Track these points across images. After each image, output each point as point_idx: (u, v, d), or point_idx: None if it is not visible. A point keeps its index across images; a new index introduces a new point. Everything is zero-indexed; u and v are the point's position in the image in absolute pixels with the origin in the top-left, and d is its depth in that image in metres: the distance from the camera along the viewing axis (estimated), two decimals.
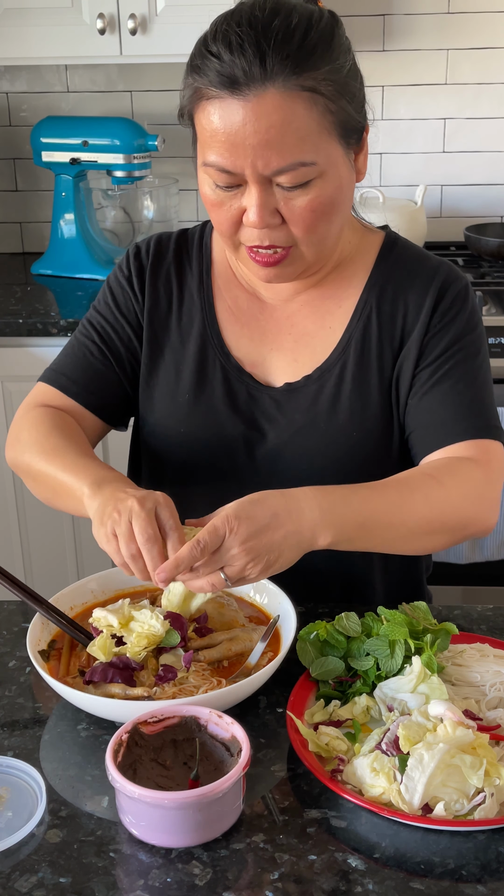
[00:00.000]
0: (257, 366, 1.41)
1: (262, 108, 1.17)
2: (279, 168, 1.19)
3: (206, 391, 1.40)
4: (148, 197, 2.86)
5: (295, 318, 1.41)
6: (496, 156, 2.96)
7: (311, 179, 1.21)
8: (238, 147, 1.19)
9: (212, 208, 1.27)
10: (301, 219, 1.23)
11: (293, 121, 1.17)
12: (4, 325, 2.44)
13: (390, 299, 1.38)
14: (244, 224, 1.25)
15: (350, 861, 0.95)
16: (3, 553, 2.64)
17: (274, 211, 1.23)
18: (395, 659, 1.14)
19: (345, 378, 1.37)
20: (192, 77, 1.22)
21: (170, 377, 1.43)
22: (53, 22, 2.53)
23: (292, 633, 1.17)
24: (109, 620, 1.19)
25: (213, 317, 1.42)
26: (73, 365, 1.46)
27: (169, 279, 1.45)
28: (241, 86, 1.17)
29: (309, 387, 1.38)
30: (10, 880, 0.93)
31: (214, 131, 1.20)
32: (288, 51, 1.16)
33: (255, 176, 1.20)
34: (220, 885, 0.92)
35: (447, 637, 1.17)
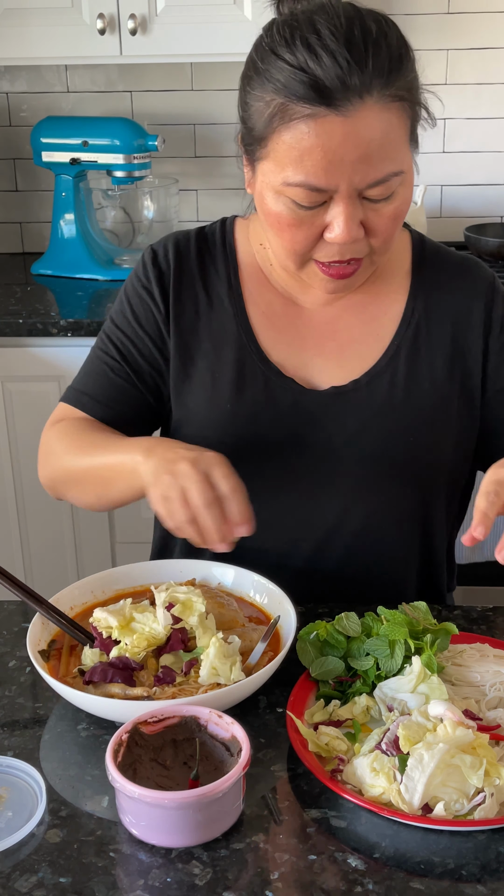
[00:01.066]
0: (298, 370, 1.37)
1: (363, 122, 1.12)
2: (375, 180, 1.15)
3: (246, 398, 1.36)
4: (148, 197, 2.86)
5: (337, 323, 1.39)
6: (496, 156, 2.96)
7: (396, 188, 1.19)
8: (336, 164, 1.13)
9: (287, 228, 1.21)
10: (385, 229, 1.21)
11: (389, 132, 1.14)
12: (4, 325, 2.44)
13: (437, 306, 1.38)
14: (325, 240, 1.21)
15: (350, 861, 0.95)
16: (3, 553, 2.64)
17: (359, 224, 1.19)
18: (395, 659, 1.14)
19: (396, 384, 1.36)
20: (267, 90, 1.15)
21: (206, 385, 1.38)
22: (53, 22, 2.53)
23: (292, 633, 1.17)
24: (109, 621, 1.19)
25: (247, 322, 1.38)
26: (94, 383, 1.41)
27: (193, 284, 1.39)
28: (339, 98, 1.11)
29: (358, 391, 1.36)
30: (10, 880, 0.93)
31: (308, 149, 1.14)
32: (380, 60, 1.12)
33: (349, 191, 1.16)
34: (220, 885, 0.92)
35: (447, 637, 1.17)
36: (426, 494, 1.41)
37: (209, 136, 2.93)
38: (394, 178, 1.17)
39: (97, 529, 2.61)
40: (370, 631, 1.18)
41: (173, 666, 1.17)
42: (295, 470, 1.38)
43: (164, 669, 1.15)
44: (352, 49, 1.11)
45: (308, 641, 1.19)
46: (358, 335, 1.38)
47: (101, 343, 1.44)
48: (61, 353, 2.46)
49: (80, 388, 1.42)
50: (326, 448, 1.36)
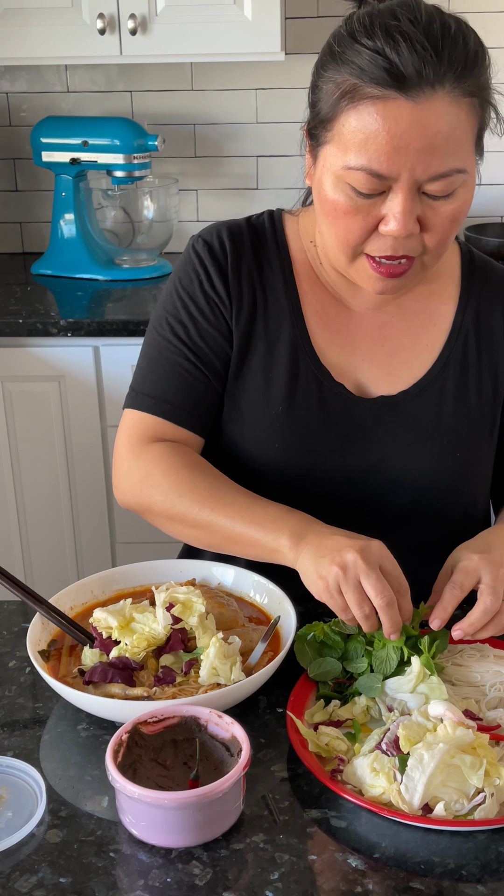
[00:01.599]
0: (348, 375, 1.36)
1: (432, 111, 1.11)
2: (437, 174, 1.14)
3: (298, 402, 1.34)
4: (148, 197, 2.86)
5: (387, 329, 1.37)
6: (496, 156, 2.95)
7: (457, 187, 1.18)
8: (400, 150, 1.12)
9: (343, 216, 1.19)
10: (441, 228, 1.19)
11: (457, 127, 1.14)
12: (4, 325, 2.44)
13: (485, 319, 1.38)
14: (379, 232, 1.19)
15: (350, 861, 0.95)
16: (3, 553, 2.64)
17: (416, 219, 1.18)
18: (389, 663, 1.14)
19: (445, 397, 1.36)
20: (341, 72, 1.14)
21: (259, 385, 1.35)
22: (53, 22, 2.53)
23: (292, 633, 1.17)
24: (109, 621, 1.19)
25: (303, 322, 1.35)
26: (170, 387, 1.35)
27: (252, 278, 1.36)
28: (412, 86, 1.10)
29: (407, 402, 1.35)
30: (10, 880, 0.93)
31: (374, 132, 1.12)
32: (457, 54, 1.12)
33: (410, 182, 1.15)
34: (220, 885, 0.92)
35: (446, 637, 1.17)
36: (471, 507, 1.43)
37: (209, 136, 2.93)
38: (456, 174, 1.16)
39: (97, 529, 2.61)
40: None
41: (173, 666, 1.17)
42: (344, 477, 1.36)
43: (164, 669, 1.15)
44: (430, 40, 1.11)
45: (306, 642, 1.18)
46: (407, 344, 1.37)
47: (167, 344, 1.37)
48: (61, 353, 2.46)
49: (156, 395, 1.35)
50: (375, 458, 1.36)
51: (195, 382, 1.35)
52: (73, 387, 2.48)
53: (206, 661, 1.14)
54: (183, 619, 1.19)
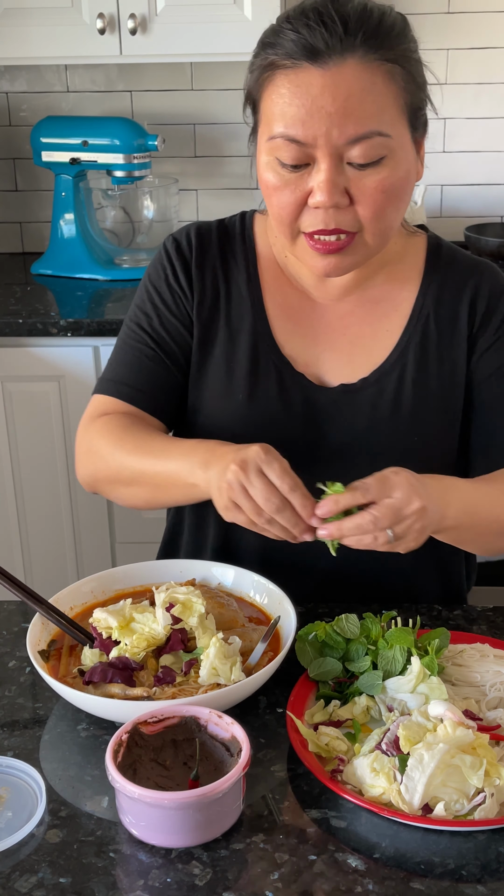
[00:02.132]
0: (310, 365, 1.39)
1: (342, 76, 1.15)
2: (355, 136, 1.16)
3: (260, 391, 1.38)
4: (148, 197, 2.86)
5: (349, 319, 1.39)
6: (496, 156, 2.96)
7: (383, 157, 1.19)
8: (314, 115, 1.16)
9: (273, 192, 1.23)
10: (371, 199, 1.20)
11: (372, 90, 1.17)
12: (4, 325, 2.44)
13: (446, 304, 1.38)
14: (309, 206, 1.22)
15: (350, 861, 0.95)
16: (3, 553, 2.64)
17: (343, 191, 1.20)
18: (395, 663, 1.14)
19: (405, 382, 1.36)
20: (261, 55, 1.21)
21: (221, 375, 1.40)
22: (53, 22, 2.53)
23: (292, 633, 1.17)
24: (109, 621, 1.19)
25: (264, 314, 1.39)
26: (130, 372, 1.41)
27: (215, 273, 1.41)
28: (321, 54, 1.15)
29: (367, 389, 1.37)
30: (10, 880, 0.93)
31: (289, 101, 1.17)
32: (368, 27, 1.16)
33: (328, 147, 1.17)
34: (220, 885, 0.92)
35: (446, 636, 1.17)
36: None
37: (209, 135, 2.92)
38: (377, 137, 1.18)
39: (97, 529, 2.61)
40: (369, 633, 1.18)
41: (173, 666, 1.17)
42: (305, 465, 1.37)
43: (164, 669, 1.15)
44: (342, 15, 1.17)
45: (307, 642, 1.18)
46: (368, 331, 1.39)
47: (131, 333, 1.43)
48: (61, 353, 2.46)
49: (116, 378, 1.42)
50: (336, 445, 1.37)
51: (154, 367, 1.41)
52: (73, 387, 2.48)
53: (206, 661, 1.14)
54: (183, 620, 1.19)
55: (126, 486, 1.36)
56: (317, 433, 1.37)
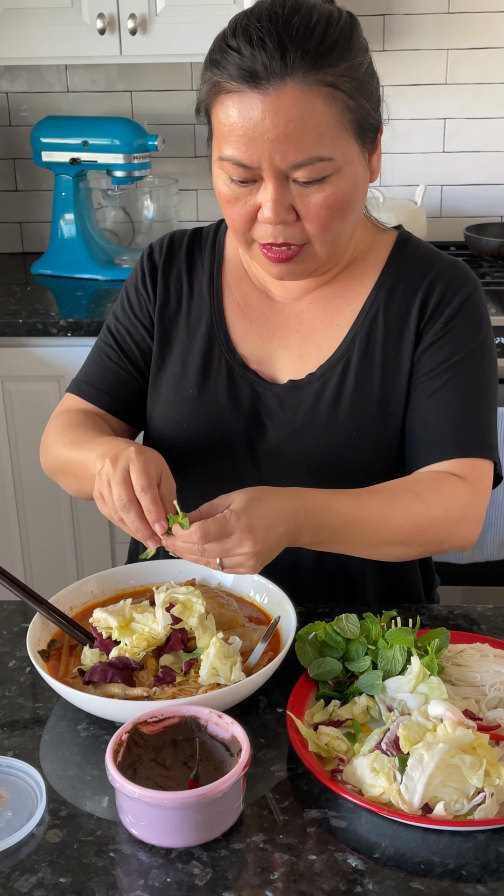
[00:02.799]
0: (263, 363, 1.41)
1: (282, 102, 1.17)
2: (297, 162, 1.19)
3: (209, 387, 1.41)
4: (148, 197, 2.86)
5: (303, 315, 1.41)
6: (496, 156, 2.96)
7: (327, 175, 1.21)
8: (256, 141, 1.18)
9: (226, 205, 1.27)
10: (316, 215, 1.23)
11: (312, 115, 1.17)
12: (4, 325, 2.44)
13: (399, 299, 1.37)
14: (259, 220, 1.25)
15: (350, 861, 0.95)
16: (3, 553, 2.64)
17: (289, 207, 1.22)
18: (396, 663, 1.14)
19: (347, 376, 1.37)
20: (210, 71, 1.23)
21: (176, 372, 1.43)
22: (53, 22, 2.53)
23: (292, 633, 1.17)
24: (109, 622, 1.19)
25: (222, 313, 1.43)
26: (94, 372, 1.48)
27: (180, 276, 1.46)
28: (260, 80, 1.17)
29: (312, 384, 1.38)
30: (10, 880, 0.93)
31: (233, 125, 1.20)
32: (308, 46, 1.17)
33: (272, 170, 1.20)
34: (220, 885, 0.92)
35: (446, 636, 1.17)
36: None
37: None
38: (319, 162, 1.19)
39: (97, 529, 2.61)
40: (369, 633, 1.18)
41: (173, 666, 1.17)
42: (253, 460, 1.40)
43: (164, 669, 1.15)
44: (283, 35, 1.17)
45: (307, 641, 1.18)
46: (320, 327, 1.40)
47: (103, 335, 1.51)
48: (61, 353, 2.46)
49: (82, 378, 1.49)
50: (278, 441, 1.38)
51: (114, 367, 1.47)
52: None
53: (206, 661, 1.14)
54: (183, 620, 1.19)
55: (62, 476, 1.43)
56: (260, 428, 1.39)
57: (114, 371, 1.47)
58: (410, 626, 1.19)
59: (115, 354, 1.47)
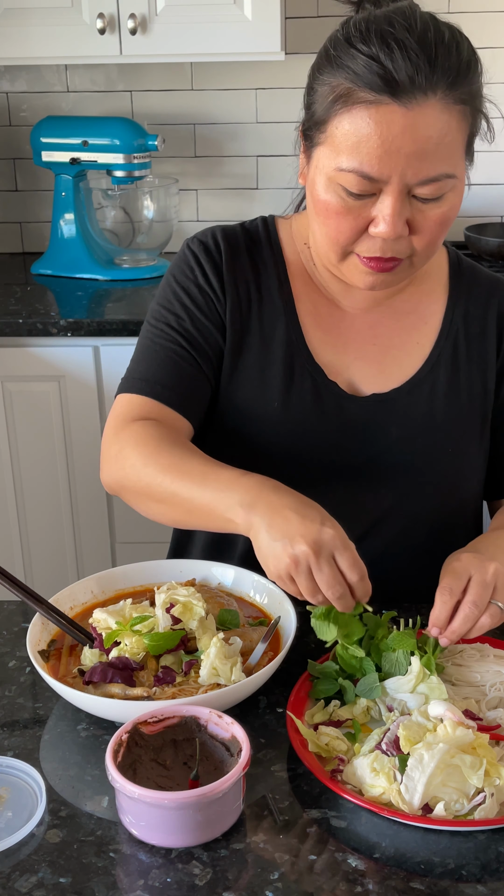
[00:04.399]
0: (341, 374, 1.38)
1: (424, 117, 1.14)
2: (427, 178, 1.17)
3: (294, 398, 1.37)
4: (148, 197, 2.86)
5: (378, 328, 1.39)
6: (496, 156, 2.96)
7: (445, 192, 1.20)
8: (391, 154, 1.15)
9: (335, 216, 1.22)
10: (429, 231, 1.22)
11: (448, 133, 1.16)
12: (4, 325, 2.44)
13: (473, 321, 1.40)
14: (368, 234, 1.22)
15: (350, 861, 0.95)
16: (3, 553, 2.64)
17: (405, 223, 1.20)
18: (399, 666, 1.13)
19: (436, 394, 1.37)
20: (336, 76, 1.17)
21: (254, 382, 1.38)
22: (53, 22, 2.53)
23: (293, 633, 1.17)
24: (109, 622, 1.19)
25: (297, 321, 1.38)
26: (163, 371, 1.35)
27: (246, 278, 1.39)
28: (404, 92, 1.13)
29: (399, 400, 1.37)
30: (10, 880, 0.93)
31: (366, 137, 1.15)
32: (450, 62, 1.15)
33: (400, 185, 1.17)
34: (220, 885, 0.92)
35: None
36: (462, 505, 1.44)
37: (209, 135, 2.92)
38: (446, 179, 1.19)
39: (97, 529, 2.61)
40: (374, 634, 1.17)
41: (173, 666, 1.17)
42: (337, 473, 1.38)
43: (164, 669, 1.15)
44: (424, 48, 1.14)
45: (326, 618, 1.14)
46: (398, 342, 1.39)
47: (160, 332, 1.38)
48: (61, 353, 2.46)
49: (147, 377, 1.35)
50: (369, 454, 1.37)
51: (187, 367, 1.36)
52: (73, 387, 2.48)
53: (207, 661, 1.14)
54: (183, 621, 1.19)
55: (156, 503, 1.28)
56: (350, 442, 1.37)
57: (186, 371, 1.35)
58: (410, 625, 1.19)
59: (187, 354, 1.36)
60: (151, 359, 1.37)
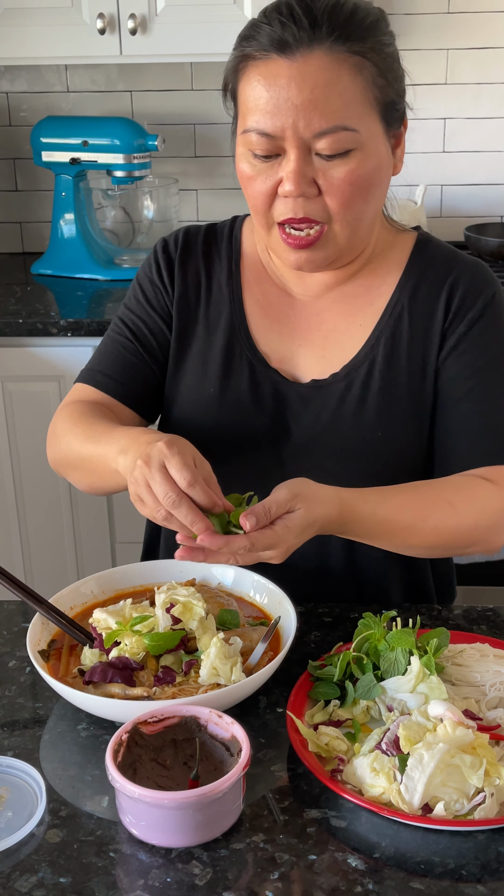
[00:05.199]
0: (285, 361, 1.40)
1: (308, 67, 1.18)
2: (321, 129, 1.19)
3: (231, 385, 1.40)
4: (148, 197, 2.86)
5: (325, 314, 1.40)
6: (496, 156, 2.96)
7: (351, 150, 1.21)
8: (281, 108, 1.19)
9: (248, 182, 1.26)
10: (339, 190, 1.22)
11: (338, 83, 1.18)
12: (4, 325, 2.44)
13: (422, 299, 1.37)
14: (279, 195, 1.24)
15: (350, 861, 0.95)
16: (3, 553, 2.64)
17: (311, 181, 1.22)
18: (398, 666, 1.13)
19: (373, 377, 1.36)
20: (239, 48, 1.23)
21: (196, 369, 1.42)
22: (53, 22, 2.53)
23: (293, 633, 1.17)
24: (109, 622, 1.19)
25: (242, 309, 1.42)
26: (108, 362, 1.45)
27: (198, 270, 1.44)
28: (288, 46, 1.18)
29: (336, 384, 1.37)
30: (10, 880, 0.93)
31: (259, 94, 1.20)
32: (337, 19, 1.19)
33: (296, 139, 1.20)
34: (220, 885, 0.92)
35: (446, 636, 1.17)
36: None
37: (209, 135, 2.93)
38: (343, 132, 1.20)
39: (97, 529, 2.61)
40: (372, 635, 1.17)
41: (173, 666, 1.17)
42: (277, 460, 1.39)
43: (164, 669, 1.15)
44: (314, 6, 1.19)
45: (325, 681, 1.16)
46: (342, 326, 1.39)
47: (115, 327, 1.48)
48: (61, 353, 2.46)
49: (95, 367, 1.46)
50: (303, 440, 1.38)
51: (128, 357, 1.44)
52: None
53: (207, 661, 1.14)
54: (183, 621, 1.19)
55: (73, 470, 1.39)
56: (284, 427, 1.39)
57: (129, 361, 1.44)
58: (410, 625, 1.19)
59: (132, 346, 1.45)
60: (101, 351, 1.48)
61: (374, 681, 1.12)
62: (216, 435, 1.39)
